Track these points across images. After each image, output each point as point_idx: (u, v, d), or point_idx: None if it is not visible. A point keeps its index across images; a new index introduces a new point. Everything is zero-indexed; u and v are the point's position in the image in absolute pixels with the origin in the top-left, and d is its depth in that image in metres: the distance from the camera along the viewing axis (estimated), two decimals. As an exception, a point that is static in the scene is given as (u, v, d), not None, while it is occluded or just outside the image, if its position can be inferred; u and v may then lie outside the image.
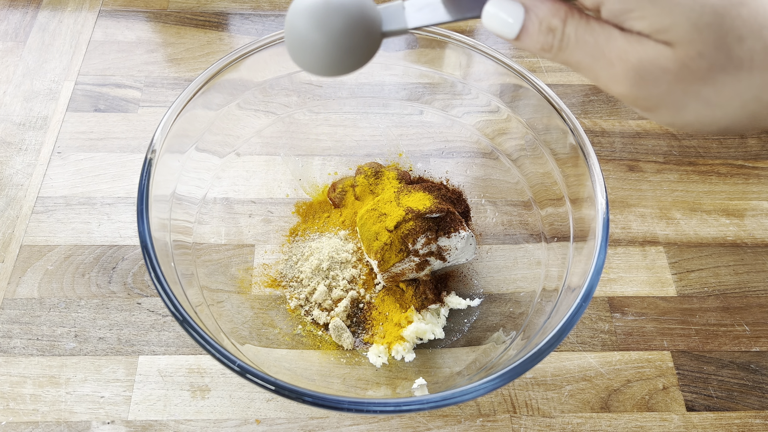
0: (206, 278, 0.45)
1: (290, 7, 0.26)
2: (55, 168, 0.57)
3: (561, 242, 0.44)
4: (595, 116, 0.64)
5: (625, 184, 0.59)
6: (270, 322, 0.48)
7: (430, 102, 0.55)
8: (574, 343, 0.49)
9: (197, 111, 0.45)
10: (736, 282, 0.53)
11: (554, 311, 0.39)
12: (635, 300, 0.52)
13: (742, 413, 0.46)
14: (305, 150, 0.57)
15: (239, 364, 0.33)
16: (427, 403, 0.32)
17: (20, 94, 0.62)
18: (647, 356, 0.49)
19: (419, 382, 0.44)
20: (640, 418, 0.46)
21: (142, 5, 0.70)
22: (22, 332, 0.48)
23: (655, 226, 0.56)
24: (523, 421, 0.45)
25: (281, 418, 0.45)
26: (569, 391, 0.47)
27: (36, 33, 0.67)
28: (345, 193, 0.54)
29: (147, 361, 0.47)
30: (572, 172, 0.44)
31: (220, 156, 0.50)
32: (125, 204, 0.55)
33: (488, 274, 0.51)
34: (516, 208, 0.52)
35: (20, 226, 0.53)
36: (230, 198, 0.53)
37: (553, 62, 0.25)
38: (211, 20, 0.70)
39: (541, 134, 0.47)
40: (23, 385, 0.45)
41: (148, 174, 0.39)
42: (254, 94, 0.50)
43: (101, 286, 0.50)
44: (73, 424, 0.44)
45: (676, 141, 0.63)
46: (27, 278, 0.50)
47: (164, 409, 0.45)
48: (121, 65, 0.65)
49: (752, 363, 0.49)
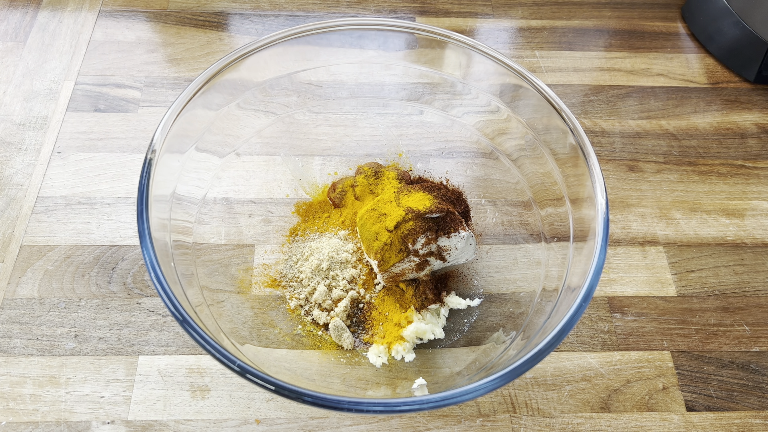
0: (206, 278, 0.45)
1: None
2: (55, 168, 0.57)
3: (561, 242, 0.44)
4: (595, 116, 0.64)
5: (625, 184, 0.59)
6: (270, 322, 0.48)
7: (430, 102, 0.55)
8: (574, 343, 0.49)
9: (197, 111, 0.45)
10: (736, 282, 0.53)
11: (554, 311, 0.39)
12: (635, 300, 0.52)
13: (742, 413, 0.46)
14: (305, 150, 0.57)
15: (239, 364, 0.33)
16: (427, 403, 0.32)
17: (20, 94, 0.62)
18: (647, 356, 0.49)
19: (419, 382, 0.44)
20: (640, 418, 0.46)
21: (142, 5, 0.70)
22: (22, 332, 0.48)
23: (655, 226, 0.56)
24: (523, 421, 0.45)
25: (281, 418, 0.45)
26: (569, 391, 0.47)
27: (36, 33, 0.67)
28: (345, 193, 0.54)
29: (147, 361, 0.47)
30: (572, 172, 0.44)
31: (220, 156, 0.50)
32: (125, 204, 0.55)
33: (488, 274, 0.51)
34: (516, 208, 0.52)
35: (20, 226, 0.53)
36: (230, 198, 0.53)
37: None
38: (211, 20, 0.70)
39: (541, 134, 0.47)
40: (23, 385, 0.45)
41: (148, 174, 0.39)
42: (254, 94, 0.50)
43: (101, 286, 0.50)
44: (73, 424, 0.44)
45: (676, 141, 0.63)
46: (27, 278, 0.50)
47: (164, 409, 0.45)
48: (121, 65, 0.65)
49: (752, 363, 0.49)
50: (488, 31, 0.72)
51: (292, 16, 0.71)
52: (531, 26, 0.72)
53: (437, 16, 0.72)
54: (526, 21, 0.72)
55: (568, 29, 0.72)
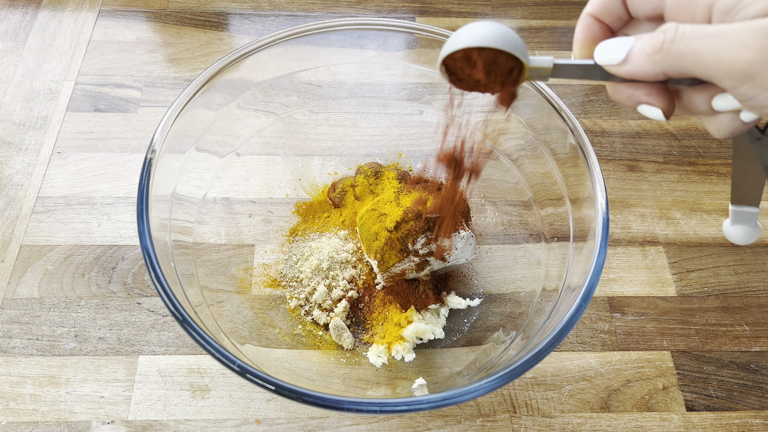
0: (206, 278, 0.45)
1: (459, 31, 0.28)
2: (55, 168, 0.57)
3: (561, 242, 0.44)
4: (595, 116, 0.64)
5: (625, 184, 0.59)
6: (270, 322, 0.48)
7: (430, 102, 0.55)
8: (574, 343, 0.49)
9: (197, 111, 0.45)
10: (736, 282, 0.53)
11: (554, 311, 0.39)
12: (635, 300, 0.52)
13: (742, 413, 0.46)
14: (305, 150, 0.57)
15: (239, 364, 0.33)
16: (427, 403, 0.32)
17: (20, 94, 0.62)
18: (647, 356, 0.49)
19: (419, 382, 0.44)
20: (640, 418, 0.46)
21: (142, 5, 0.70)
22: (22, 332, 0.48)
23: (655, 226, 0.56)
24: (523, 421, 0.45)
25: (281, 418, 0.45)
26: (569, 391, 0.47)
27: (36, 33, 0.67)
28: (345, 193, 0.54)
29: (147, 361, 0.47)
30: (572, 172, 0.44)
31: (220, 156, 0.50)
32: (125, 204, 0.55)
33: (488, 274, 0.51)
34: (516, 208, 0.52)
35: (20, 226, 0.53)
36: (230, 198, 0.53)
37: (661, 67, 0.25)
38: (211, 20, 0.70)
39: (541, 134, 0.47)
40: (23, 385, 0.45)
41: (148, 174, 0.39)
42: (254, 94, 0.50)
43: (101, 286, 0.50)
44: (73, 424, 0.44)
45: (676, 141, 0.63)
46: (27, 278, 0.50)
47: (164, 409, 0.45)
48: (121, 65, 0.65)
49: (752, 363, 0.49)
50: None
51: (292, 16, 0.71)
52: (531, 26, 0.72)
53: (437, 16, 0.72)
54: (526, 21, 0.72)
55: (568, 29, 0.72)
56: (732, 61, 0.22)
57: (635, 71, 0.25)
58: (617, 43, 0.26)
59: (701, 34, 0.23)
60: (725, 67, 0.23)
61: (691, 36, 0.23)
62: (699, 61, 0.23)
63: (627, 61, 0.25)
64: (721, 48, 0.22)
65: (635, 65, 0.25)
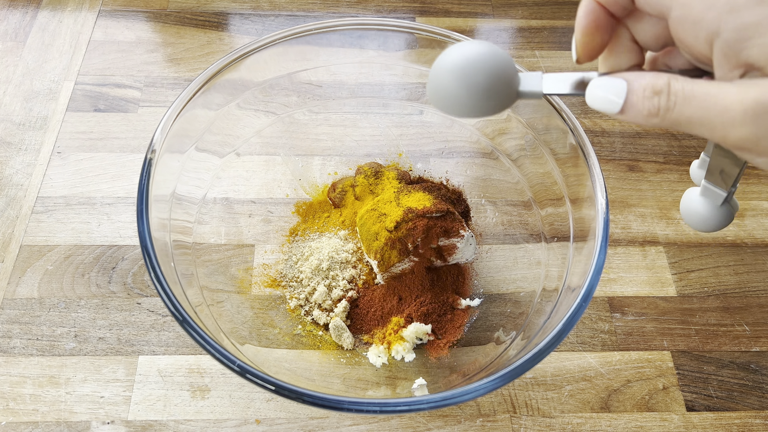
0: (206, 278, 0.45)
1: (436, 62, 0.28)
2: (55, 168, 0.57)
3: (561, 242, 0.44)
4: (595, 116, 0.64)
5: (625, 184, 0.59)
6: (270, 322, 0.48)
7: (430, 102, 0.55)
8: (574, 343, 0.49)
9: (197, 111, 0.45)
10: (736, 282, 0.53)
11: (554, 311, 0.39)
12: (635, 300, 0.52)
13: (742, 413, 0.46)
14: (305, 150, 0.57)
15: (239, 364, 0.33)
16: (427, 403, 0.32)
17: (20, 94, 0.62)
18: (647, 356, 0.49)
19: (419, 382, 0.44)
20: (640, 418, 0.46)
21: (142, 5, 0.70)
22: (22, 332, 0.48)
23: (655, 226, 0.56)
24: (523, 421, 0.45)
25: (281, 418, 0.45)
26: (569, 391, 0.47)
27: (36, 33, 0.67)
28: (345, 193, 0.54)
29: (147, 361, 0.47)
30: (572, 172, 0.44)
31: (220, 156, 0.50)
32: (125, 204, 0.55)
33: (488, 274, 0.51)
34: (516, 208, 0.52)
35: (20, 226, 0.53)
36: (230, 198, 0.53)
37: (661, 127, 0.25)
38: (211, 20, 0.70)
39: (541, 134, 0.47)
40: (23, 385, 0.45)
41: (148, 174, 0.39)
42: (254, 94, 0.50)
43: (101, 286, 0.50)
44: (73, 424, 0.44)
45: (676, 141, 0.63)
46: (27, 278, 0.50)
47: (164, 409, 0.45)
48: (121, 65, 0.65)
49: (752, 363, 0.49)
50: (488, 31, 0.72)
51: (292, 16, 0.71)
52: (531, 26, 0.72)
53: (437, 16, 0.72)
54: (526, 21, 0.72)
55: (568, 29, 0.72)
56: (725, 137, 0.23)
57: (633, 122, 0.26)
58: (610, 87, 0.25)
59: (694, 100, 0.23)
60: (719, 138, 0.23)
61: (683, 102, 0.24)
62: (694, 128, 0.24)
63: (624, 112, 0.25)
64: (713, 120, 0.23)
65: (632, 118, 0.25)
